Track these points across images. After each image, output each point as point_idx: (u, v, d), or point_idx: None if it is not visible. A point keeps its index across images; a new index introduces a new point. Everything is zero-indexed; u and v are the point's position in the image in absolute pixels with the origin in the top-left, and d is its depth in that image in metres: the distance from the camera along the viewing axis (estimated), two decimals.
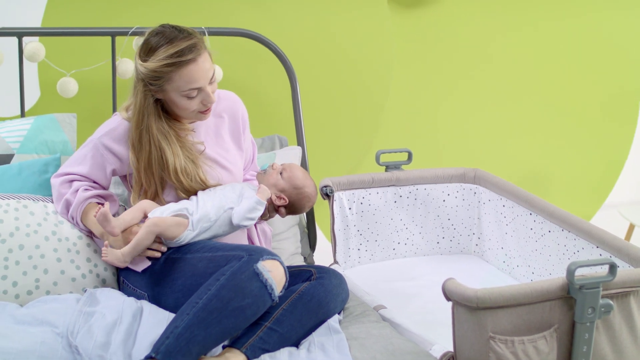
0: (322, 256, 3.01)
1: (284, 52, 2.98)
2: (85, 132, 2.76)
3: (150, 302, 2.21)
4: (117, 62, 2.83)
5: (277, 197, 2.40)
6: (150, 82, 2.22)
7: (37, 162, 2.47)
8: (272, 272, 2.06)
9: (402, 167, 2.93)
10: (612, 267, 1.94)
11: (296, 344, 2.14)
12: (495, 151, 3.72)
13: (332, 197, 2.77)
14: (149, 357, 1.92)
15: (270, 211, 2.44)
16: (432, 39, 3.49)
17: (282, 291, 2.11)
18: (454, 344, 2.00)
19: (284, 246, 2.72)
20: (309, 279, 2.26)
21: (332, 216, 2.78)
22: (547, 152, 3.82)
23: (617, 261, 2.25)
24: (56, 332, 2.01)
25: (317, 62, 3.31)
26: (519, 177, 3.76)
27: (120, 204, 2.45)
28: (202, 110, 2.29)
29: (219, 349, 2.06)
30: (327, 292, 2.22)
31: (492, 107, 3.67)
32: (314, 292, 2.19)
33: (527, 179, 3.80)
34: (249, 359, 2.03)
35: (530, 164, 3.81)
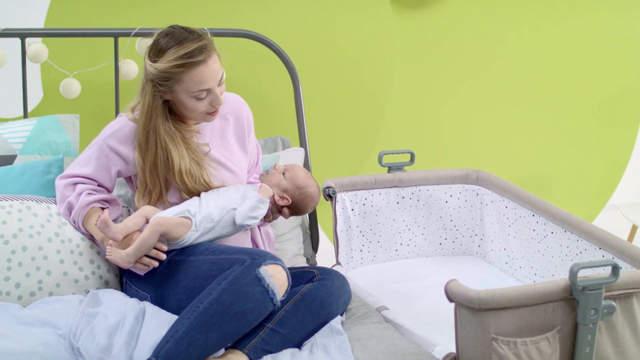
0: (324, 257, 3.01)
1: (286, 53, 2.98)
2: (88, 133, 2.77)
3: (152, 304, 2.21)
4: (119, 63, 2.83)
5: (280, 197, 2.40)
6: (159, 82, 2.22)
7: (40, 163, 2.47)
8: (275, 277, 2.06)
9: (405, 168, 2.93)
10: (615, 269, 1.94)
11: (298, 345, 2.14)
12: (497, 152, 3.72)
13: (335, 198, 2.77)
14: None
15: (273, 212, 2.44)
16: (434, 40, 3.49)
17: (284, 296, 2.10)
18: (456, 345, 2.00)
19: (286, 247, 2.72)
20: (312, 280, 2.26)
21: (335, 217, 2.78)
22: (549, 153, 3.82)
23: (619, 262, 2.25)
24: (59, 333, 2.01)
25: (320, 63, 3.31)
26: (521, 178, 3.75)
27: (123, 205, 2.45)
28: (210, 111, 2.30)
29: (221, 350, 2.05)
30: (329, 294, 2.22)
31: (495, 108, 3.67)
32: (316, 294, 2.19)
33: (529, 180, 3.80)
34: None
35: (532, 165, 3.81)
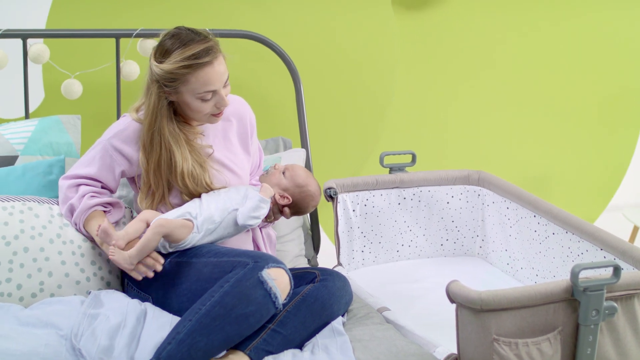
0: (325, 258, 3.01)
1: (288, 54, 2.98)
2: (89, 133, 2.77)
3: (154, 305, 2.21)
4: (121, 64, 2.83)
5: (280, 197, 2.40)
6: (165, 83, 2.22)
7: (41, 163, 2.47)
8: (277, 280, 2.06)
9: (406, 169, 2.93)
10: (616, 270, 1.94)
11: (300, 346, 2.14)
12: (499, 153, 3.72)
13: (336, 199, 2.77)
14: None
15: (275, 212, 2.44)
16: (435, 41, 3.49)
17: (286, 299, 2.10)
18: (457, 346, 2.00)
19: (287, 248, 2.72)
20: (313, 281, 2.26)
21: (336, 218, 2.78)
22: (551, 154, 3.82)
23: (621, 263, 2.25)
24: (60, 334, 2.01)
25: (321, 64, 3.31)
26: (522, 179, 3.75)
27: (125, 206, 2.45)
28: (215, 113, 2.30)
29: (222, 351, 2.05)
30: (330, 294, 2.22)
31: (496, 109, 3.67)
32: (317, 294, 2.19)
33: (531, 181, 3.80)
34: None
35: (534, 166, 3.81)
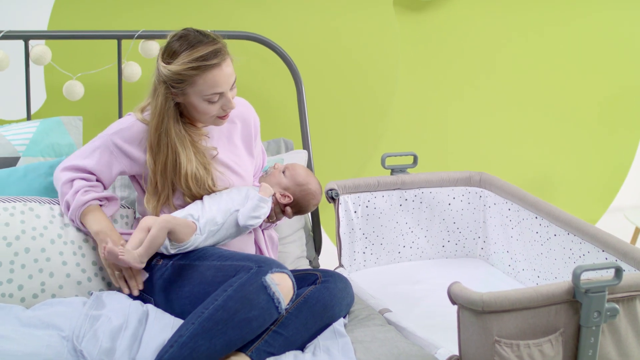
0: (327, 259, 3.01)
1: (289, 55, 2.98)
2: (91, 135, 2.76)
3: (156, 307, 2.20)
4: (123, 65, 2.83)
5: (281, 196, 2.41)
6: (172, 84, 2.23)
7: (43, 164, 2.47)
8: (280, 285, 2.06)
9: (408, 170, 2.93)
10: (618, 271, 1.94)
11: (301, 348, 2.14)
12: (500, 155, 3.72)
13: (338, 200, 2.77)
14: None
15: (277, 213, 2.44)
16: (437, 42, 3.49)
17: (289, 304, 2.10)
18: (459, 347, 2.00)
19: (289, 250, 2.72)
20: (314, 283, 2.26)
21: (338, 219, 2.78)
22: (552, 155, 3.81)
23: (622, 265, 2.25)
24: (62, 335, 2.01)
25: (322, 65, 3.31)
26: (524, 181, 3.75)
27: (127, 206, 2.45)
28: (221, 115, 2.30)
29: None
30: (332, 296, 2.21)
31: (498, 110, 3.67)
32: (319, 296, 2.19)
33: (532, 182, 3.79)
34: None
35: (535, 168, 3.81)
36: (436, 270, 2.88)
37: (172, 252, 2.24)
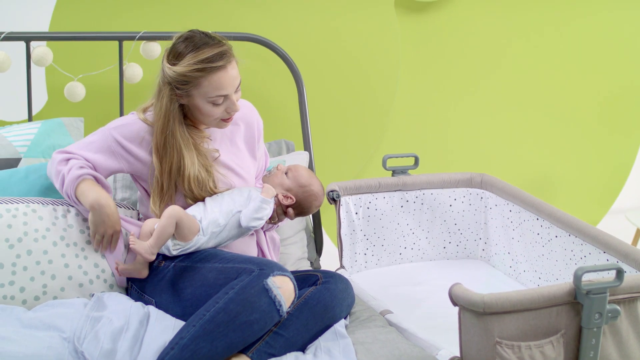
0: (328, 261, 3.01)
1: (290, 56, 2.98)
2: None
3: (157, 309, 2.20)
4: (124, 67, 2.83)
5: (284, 197, 2.41)
6: (177, 86, 2.22)
7: (44, 166, 2.47)
8: (282, 288, 2.06)
9: (409, 171, 2.93)
10: (619, 273, 1.94)
11: (302, 349, 2.14)
12: (502, 156, 3.72)
13: (339, 201, 2.77)
14: None
15: (279, 214, 2.44)
16: (438, 44, 3.49)
17: (290, 307, 2.10)
18: (460, 349, 2.00)
19: (290, 251, 2.72)
20: (315, 284, 2.26)
21: (339, 221, 2.78)
22: (553, 157, 3.81)
23: (624, 266, 2.25)
24: (63, 336, 2.01)
25: (323, 67, 3.32)
26: (525, 182, 3.75)
27: (130, 207, 2.45)
28: (225, 117, 2.30)
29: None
30: (333, 297, 2.21)
31: (499, 111, 3.67)
32: (320, 297, 2.19)
33: (533, 183, 3.79)
34: None
35: (537, 169, 3.81)
36: (437, 271, 2.88)
37: (174, 253, 2.24)
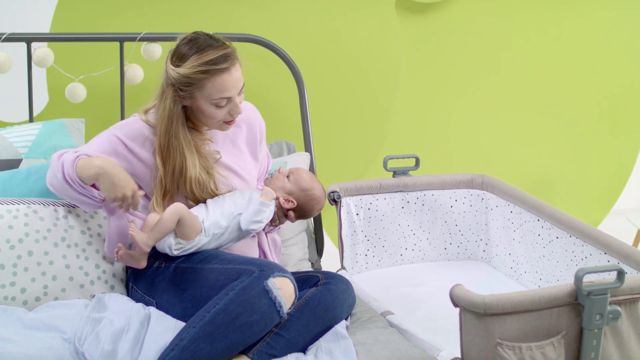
0: (329, 262, 3.01)
1: (291, 57, 2.98)
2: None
3: (158, 310, 2.20)
4: (125, 68, 2.83)
5: (285, 200, 2.40)
6: (180, 87, 2.22)
7: (45, 167, 2.47)
8: (282, 290, 2.06)
9: (410, 172, 2.93)
10: (620, 274, 1.94)
11: (303, 350, 2.14)
12: (502, 157, 3.72)
13: (340, 202, 2.77)
14: None
15: (280, 217, 2.44)
16: (439, 45, 3.49)
17: (290, 308, 2.10)
18: (461, 350, 2.00)
19: (291, 252, 2.72)
20: (316, 285, 2.26)
21: (340, 222, 2.78)
22: (554, 158, 3.81)
23: (625, 267, 2.25)
24: (64, 337, 2.01)
25: (324, 68, 3.32)
26: (526, 183, 3.75)
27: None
28: (228, 120, 2.30)
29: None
30: (334, 298, 2.21)
31: (499, 112, 3.67)
32: (320, 298, 2.19)
33: (534, 185, 3.79)
34: None
35: (537, 170, 3.81)
36: (438, 272, 2.88)
37: (175, 253, 2.24)
